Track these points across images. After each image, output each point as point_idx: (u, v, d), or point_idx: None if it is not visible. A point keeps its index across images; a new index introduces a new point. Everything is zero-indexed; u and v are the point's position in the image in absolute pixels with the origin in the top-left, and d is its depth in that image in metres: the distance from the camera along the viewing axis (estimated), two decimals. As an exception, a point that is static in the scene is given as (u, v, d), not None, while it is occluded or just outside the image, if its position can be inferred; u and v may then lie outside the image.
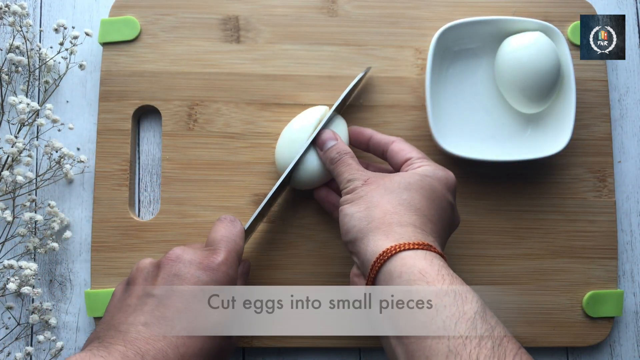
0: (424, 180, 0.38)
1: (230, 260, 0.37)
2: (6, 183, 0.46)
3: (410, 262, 0.33)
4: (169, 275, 0.35)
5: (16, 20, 0.48)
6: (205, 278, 0.35)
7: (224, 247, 0.38)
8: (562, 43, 0.46)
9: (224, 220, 0.40)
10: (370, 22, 0.50)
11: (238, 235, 0.39)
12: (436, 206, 0.38)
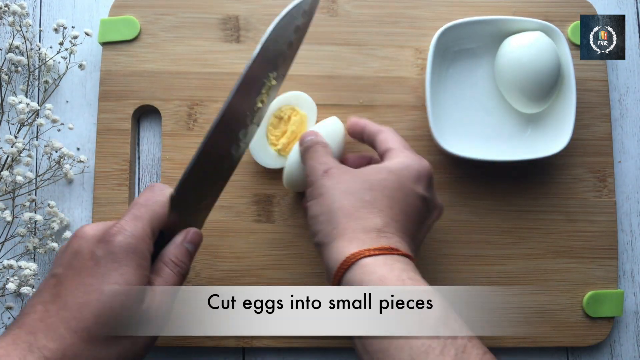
0: (389, 177, 0.37)
1: (131, 228, 0.34)
2: (6, 183, 0.46)
3: (370, 269, 0.33)
4: (71, 253, 0.34)
5: (16, 20, 0.48)
6: (99, 252, 0.33)
7: (128, 215, 0.35)
8: (562, 43, 0.46)
9: (146, 188, 0.37)
10: (370, 22, 0.50)
11: (152, 199, 0.36)
12: (402, 204, 0.37)
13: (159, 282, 0.35)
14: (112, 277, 0.32)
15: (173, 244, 0.37)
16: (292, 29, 0.40)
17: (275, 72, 0.40)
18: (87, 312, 0.31)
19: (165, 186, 0.37)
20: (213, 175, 0.39)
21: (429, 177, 0.39)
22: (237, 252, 0.47)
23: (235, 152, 0.40)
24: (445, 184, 0.48)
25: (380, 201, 0.36)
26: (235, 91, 0.38)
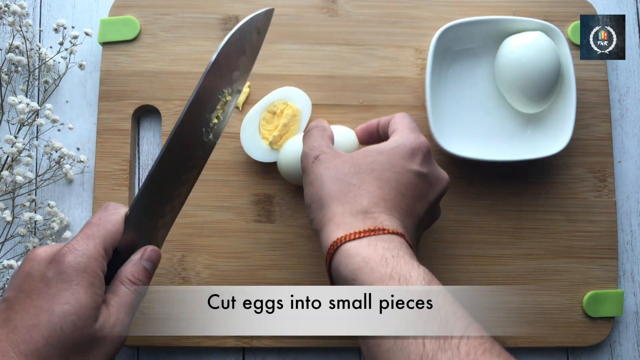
0: (378, 159, 0.37)
1: (82, 247, 0.34)
2: (6, 183, 0.46)
3: (353, 252, 0.33)
4: (22, 275, 0.34)
5: (16, 20, 0.48)
6: (50, 273, 0.33)
7: (80, 235, 0.35)
8: (562, 43, 0.46)
9: (100, 208, 0.37)
10: (370, 22, 0.50)
11: (105, 218, 0.36)
12: (393, 182, 0.37)
13: (115, 300, 0.35)
14: (63, 297, 0.32)
15: (130, 262, 0.37)
16: (245, 45, 0.40)
17: (230, 88, 0.40)
18: (37, 334, 0.31)
19: (120, 205, 0.37)
20: (169, 193, 0.39)
21: (424, 152, 0.39)
22: (237, 252, 0.47)
23: (192, 169, 0.40)
24: (445, 184, 0.48)
25: (368, 183, 0.36)
26: (187, 109, 0.37)
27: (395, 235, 0.34)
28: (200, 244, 0.47)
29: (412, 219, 0.37)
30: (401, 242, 0.34)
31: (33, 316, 0.32)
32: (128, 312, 0.35)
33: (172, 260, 0.47)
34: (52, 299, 0.32)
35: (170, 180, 0.39)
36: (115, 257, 0.36)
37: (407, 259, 0.33)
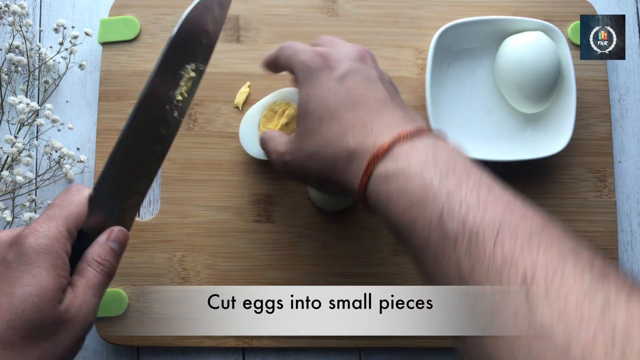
0: (333, 87, 0.36)
1: (43, 228, 0.33)
2: (6, 183, 0.46)
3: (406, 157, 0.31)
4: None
5: (16, 20, 0.48)
6: (10, 256, 0.32)
7: (42, 216, 0.34)
8: (563, 43, 0.46)
9: (63, 190, 0.36)
10: (370, 22, 0.50)
11: (66, 198, 0.35)
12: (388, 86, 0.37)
13: (81, 282, 0.34)
14: (24, 279, 0.31)
15: (96, 243, 0.36)
16: (208, 20, 0.39)
17: (193, 64, 0.39)
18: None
19: (83, 186, 0.36)
20: (135, 173, 0.38)
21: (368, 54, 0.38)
22: (237, 252, 0.47)
23: (158, 148, 0.38)
24: (445, 184, 0.48)
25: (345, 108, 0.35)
26: (148, 85, 0.37)
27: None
28: (200, 244, 0.47)
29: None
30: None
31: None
32: (95, 294, 0.34)
33: (172, 260, 0.47)
34: (12, 282, 0.31)
35: (134, 160, 0.38)
36: (83, 239, 0.35)
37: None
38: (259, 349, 0.47)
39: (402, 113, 0.35)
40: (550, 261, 0.23)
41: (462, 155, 0.31)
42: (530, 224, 0.25)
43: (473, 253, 0.25)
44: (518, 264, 0.23)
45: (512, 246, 0.24)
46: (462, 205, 0.27)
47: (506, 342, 0.23)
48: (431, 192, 0.28)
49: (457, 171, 0.29)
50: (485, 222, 0.26)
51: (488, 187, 0.28)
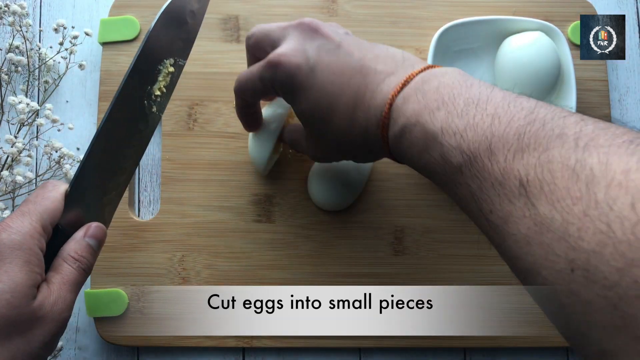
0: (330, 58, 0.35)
1: (16, 224, 0.32)
2: (6, 183, 0.46)
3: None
4: None
5: (16, 20, 0.48)
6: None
7: (15, 212, 0.33)
8: (563, 43, 0.46)
9: (39, 186, 0.36)
10: (370, 22, 0.50)
11: (43, 196, 0.34)
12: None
13: (57, 278, 0.34)
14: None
15: (73, 239, 0.36)
16: (187, 14, 0.39)
17: (171, 59, 0.39)
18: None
19: (60, 182, 0.36)
20: (113, 168, 0.38)
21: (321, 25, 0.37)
22: (237, 252, 0.47)
23: (137, 143, 0.38)
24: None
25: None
26: (125, 79, 0.36)
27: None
28: (200, 244, 0.47)
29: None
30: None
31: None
32: (71, 290, 0.34)
33: (172, 260, 0.47)
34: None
35: (112, 155, 0.37)
36: (59, 236, 0.35)
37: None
38: (259, 349, 0.47)
39: (382, 66, 0.34)
40: (538, 158, 0.25)
41: (449, 80, 0.32)
42: (517, 127, 0.27)
43: (477, 174, 0.27)
44: (514, 170, 0.26)
45: (505, 156, 0.26)
46: (455, 135, 0.29)
47: (522, 239, 0.25)
48: (430, 135, 0.30)
49: (445, 102, 0.30)
50: (477, 142, 0.28)
51: (475, 104, 0.29)
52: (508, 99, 0.29)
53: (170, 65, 0.39)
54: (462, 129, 0.29)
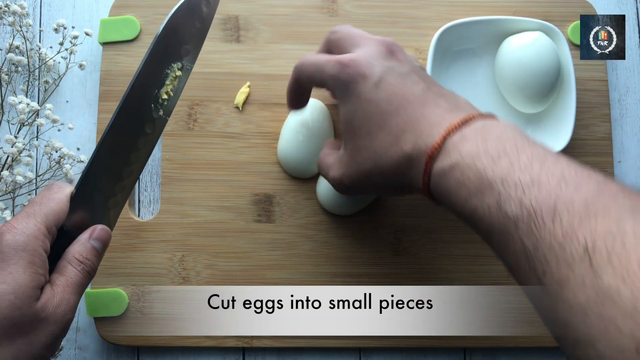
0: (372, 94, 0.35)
1: (22, 226, 0.32)
2: (6, 183, 0.46)
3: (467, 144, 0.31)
4: None
5: (16, 20, 0.48)
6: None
7: (20, 213, 0.33)
8: (562, 43, 0.46)
9: (45, 187, 0.36)
10: (370, 22, 0.50)
11: (47, 196, 0.35)
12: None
13: (61, 280, 0.34)
14: (0, 276, 0.31)
15: (78, 241, 0.36)
16: (195, 18, 0.39)
17: (179, 63, 0.39)
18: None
19: (65, 184, 0.36)
20: (118, 171, 0.38)
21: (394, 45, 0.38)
22: (237, 252, 0.47)
23: (143, 147, 0.38)
24: (445, 184, 0.48)
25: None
26: (133, 83, 0.37)
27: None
28: (200, 244, 0.47)
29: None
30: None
31: None
32: (74, 292, 0.34)
33: (172, 260, 0.47)
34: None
35: (118, 158, 0.37)
36: (64, 237, 0.35)
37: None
38: (259, 349, 0.47)
39: (444, 102, 0.34)
40: (609, 228, 0.24)
41: (511, 133, 0.31)
42: (585, 193, 0.26)
43: (534, 232, 0.26)
44: (578, 236, 0.24)
45: (570, 220, 0.25)
46: (517, 187, 0.27)
47: (578, 308, 0.24)
48: (486, 180, 0.29)
49: (507, 153, 0.29)
50: (541, 200, 0.26)
51: (540, 163, 0.28)
52: (575, 165, 0.28)
53: (178, 69, 0.39)
54: (525, 183, 0.27)
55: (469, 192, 0.30)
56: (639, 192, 0.26)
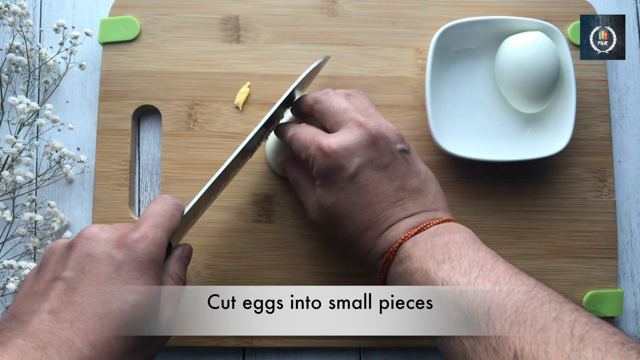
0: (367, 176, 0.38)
1: (153, 236, 0.32)
2: (6, 183, 0.46)
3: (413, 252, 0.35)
4: (81, 255, 0.31)
5: (16, 20, 0.48)
6: (120, 257, 0.31)
7: (148, 222, 0.33)
8: (562, 43, 0.46)
9: (157, 199, 0.36)
10: (370, 22, 0.50)
11: (169, 210, 0.35)
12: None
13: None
14: (135, 286, 0.30)
15: (174, 257, 0.36)
16: (305, 83, 0.44)
17: (280, 117, 0.44)
18: (109, 324, 0.29)
19: (180, 203, 0.37)
20: (209, 199, 0.41)
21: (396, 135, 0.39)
22: (237, 252, 0.47)
23: (232, 176, 0.43)
24: (446, 184, 0.48)
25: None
26: (258, 130, 0.40)
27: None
28: (200, 244, 0.47)
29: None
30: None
31: (104, 303, 0.29)
32: (174, 306, 0.34)
33: (172, 260, 0.47)
34: (123, 286, 0.30)
35: (217, 187, 0.40)
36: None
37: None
38: (259, 349, 0.47)
39: (412, 204, 0.37)
40: (535, 336, 0.27)
41: (459, 238, 0.34)
42: (516, 299, 0.29)
43: (471, 334, 0.29)
44: (509, 342, 0.27)
45: (502, 325, 0.28)
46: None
47: None
48: (430, 282, 0.32)
49: (451, 258, 0.32)
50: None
51: (478, 267, 0.32)
52: (510, 272, 0.31)
53: (278, 120, 0.43)
54: (462, 285, 0.30)
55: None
56: (565, 298, 0.29)
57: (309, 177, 0.42)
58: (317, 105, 0.40)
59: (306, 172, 0.43)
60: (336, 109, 0.39)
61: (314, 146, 0.37)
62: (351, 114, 0.38)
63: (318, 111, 0.40)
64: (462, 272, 0.31)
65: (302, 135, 0.39)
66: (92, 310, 0.29)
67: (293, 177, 0.43)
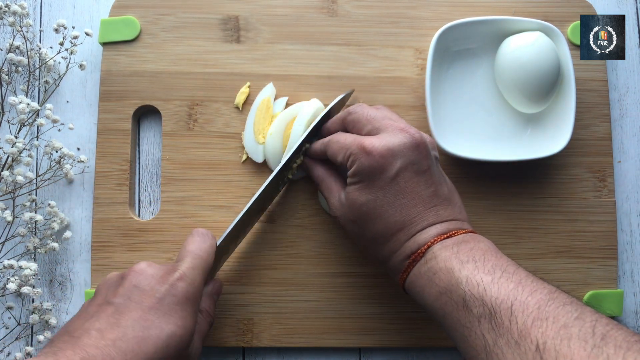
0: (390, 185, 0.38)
1: (191, 276, 0.37)
2: (6, 183, 0.46)
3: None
4: (130, 286, 0.35)
5: (16, 20, 0.48)
6: (162, 291, 0.35)
7: (187, 262, 0.37)
8: (562, 43, 0.46)
9: (194, 235, 0.40)
10: (370, 22, 0.50)
11: (206, 251, 0.39)
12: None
13: (195, 328, 0.37)
14: (173, 318, 0.34)
15: (205, 294, 0.40)
16: (331, 114, 0.46)
17: (308, 144, 0.45)
18: (145, 347, 0.32)
19: (214, 237, 0.40)
20: (243, 231, 0.44)
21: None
22: (237, 252, 0.47)
23: (261, 214, 0.46)
24: (445, 184, 0.48)
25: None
26: (288, 159, 0.44)
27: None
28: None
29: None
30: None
31: (144, 328, 0.33)
32: (201, 340, 0.38)
33: (172, 260, 0.47)
34: (162, 317, 0.34)
35: (249, 219, 0.43)
36: None
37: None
38: (259, 349, 0.47)
39: (443, 211, 0.38)
40: (557, 331, 0.28)
41: (483, 246, 0.36)
42: (538, 298, 0.30)
43: (494, 328, 0.30)
44: (531, 336, 0.28)
45: (524, 320, 0.29)
46: (479, 286, 0.32)
47: None
48: (454, 280, 0.33)
49: (475, 259, 0.34)
50: (500, 300, 0.31)
51: (502, 269, 0.33)
52: (532, 277, 0.32)
53: (308, 143, 0.45)
54: (486, 282, 0.32)
55: (439, 290, 0.34)
56: (583, 305, 0.30)
57: (335, 174, 0.43)
58: (350, 116, 0.42)
59: (331, 169, 0.43)
60: (373, 117, 0.40)
61: (355, 146, 0.38)
62: (390, 120, 0.39)
63: (352, 121, 0.41)
64: (485, 272, 0.33)
65: (342, 138, 0.40)
66: (133, 333, 0.33)
67: (318, 174, 0.44)
